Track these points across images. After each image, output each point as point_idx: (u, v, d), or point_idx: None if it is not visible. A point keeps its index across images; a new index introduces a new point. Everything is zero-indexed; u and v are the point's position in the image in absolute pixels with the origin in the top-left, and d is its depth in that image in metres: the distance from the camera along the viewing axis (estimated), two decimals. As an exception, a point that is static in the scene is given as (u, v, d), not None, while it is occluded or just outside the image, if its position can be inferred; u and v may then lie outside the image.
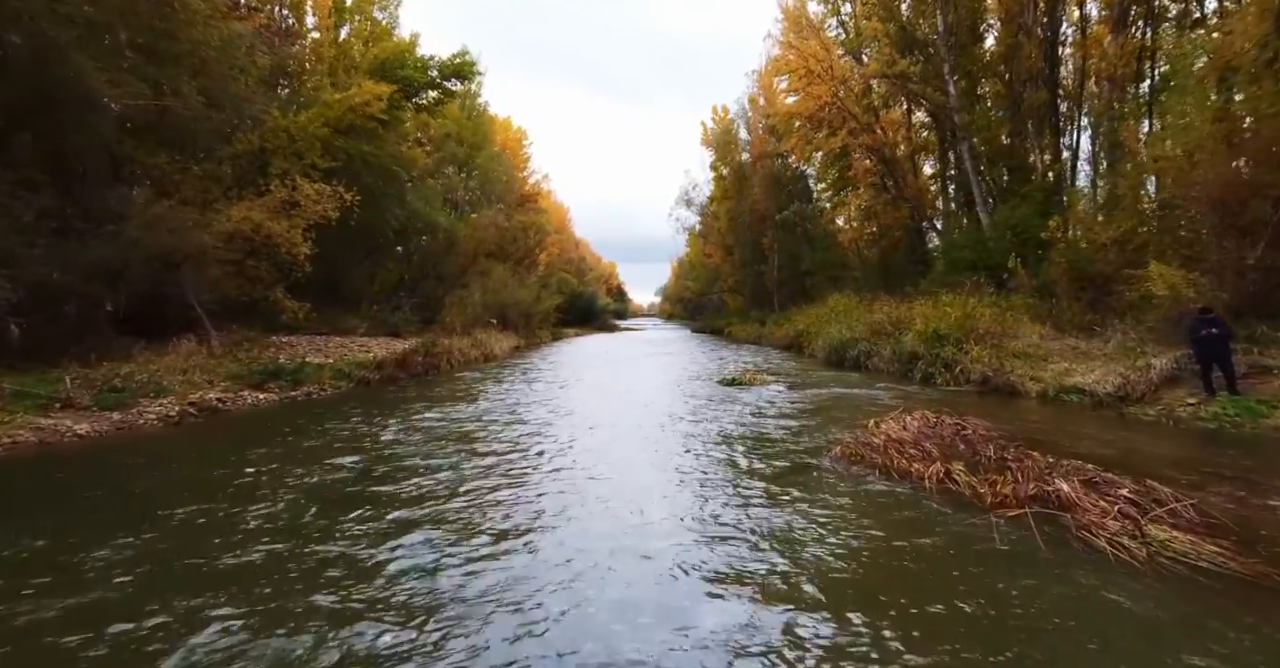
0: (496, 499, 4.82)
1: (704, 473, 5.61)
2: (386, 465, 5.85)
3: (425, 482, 5.27)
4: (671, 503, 4.71)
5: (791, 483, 5.13)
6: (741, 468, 5.75)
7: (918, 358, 12.29)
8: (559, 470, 5.70)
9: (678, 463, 5.97)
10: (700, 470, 5.69)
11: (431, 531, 4.10)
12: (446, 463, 5.92)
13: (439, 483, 5.25)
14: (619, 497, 4.87)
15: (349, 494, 4.95)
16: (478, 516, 4.42)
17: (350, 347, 13.91)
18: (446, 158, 27.10)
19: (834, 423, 7.74)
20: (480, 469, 5.71)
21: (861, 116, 21.92)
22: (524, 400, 9.70)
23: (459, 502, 4.73)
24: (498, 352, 20.12)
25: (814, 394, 10.36)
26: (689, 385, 11.79)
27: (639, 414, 8.49)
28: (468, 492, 4.99)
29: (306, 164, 12.37)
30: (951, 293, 14.95)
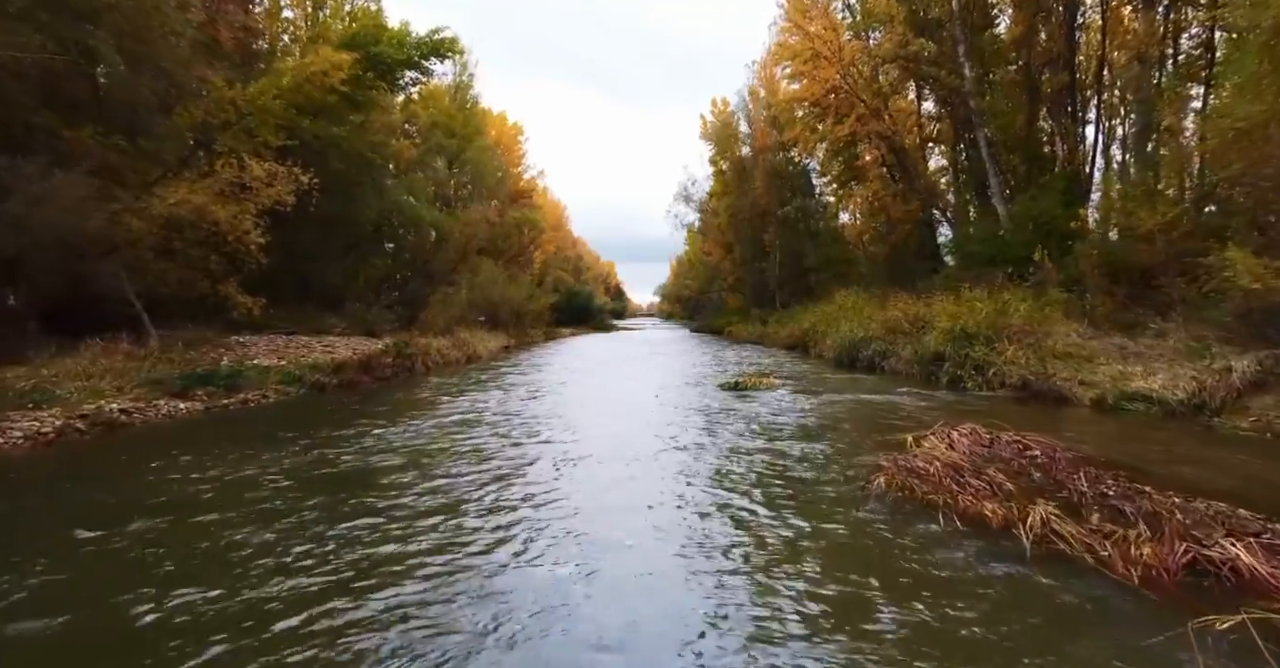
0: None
1: (706, 537, 3.80)
2: (242, 528, 3.88)
3: (289, 565, 3.33)
4: (659, 609, 2.93)
5: (827, 542, 3.70)
6: (757, 520, 4.08)
7: (943, 359, 10.99)
8: (494, 550, 3.59)
9: (670, 518, 4.16)
10: (703, 533, 3.86)
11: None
12: (332, 535, 3.80)
13: (303, 584, 3.12)
14: (580, 602, 2.97)
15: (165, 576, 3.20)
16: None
17: (314, 347, 12.59)
18: (433, 148, 25.73)
19: (861, 439, 6.43)
20: (384, 547, 3.59)
21: (871, 101, 20.61)
22: (492, 415, 8.07)
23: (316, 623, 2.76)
24: (482, 352, 18.81)
25: (829, 402, 9.05)
26: (687, 392, 10.48)
27: (625, 434, 7.00)
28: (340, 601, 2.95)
29: (259, 142, 11.04)
30: (973, 289, 13.68)
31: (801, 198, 34.95)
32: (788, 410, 8.21)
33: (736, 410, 8.36)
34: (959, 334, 10.59)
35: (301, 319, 18.70)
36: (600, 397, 10.17)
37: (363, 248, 24.42)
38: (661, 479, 5.16)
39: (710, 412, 8.37)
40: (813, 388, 10.70)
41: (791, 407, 8.53)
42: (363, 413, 8.19)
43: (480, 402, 9.22)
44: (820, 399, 9.20)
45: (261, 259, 11.28)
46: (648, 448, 6.20)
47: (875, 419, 7.68)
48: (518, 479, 5.17)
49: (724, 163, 42.52)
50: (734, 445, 6.36)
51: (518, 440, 6.61)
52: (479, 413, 8.24)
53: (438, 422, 7.48)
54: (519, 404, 9.09)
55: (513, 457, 5.94)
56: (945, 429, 6.08)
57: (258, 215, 11.15)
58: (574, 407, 9.12)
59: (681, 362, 17.43)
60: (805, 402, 8.96)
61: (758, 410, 8.20)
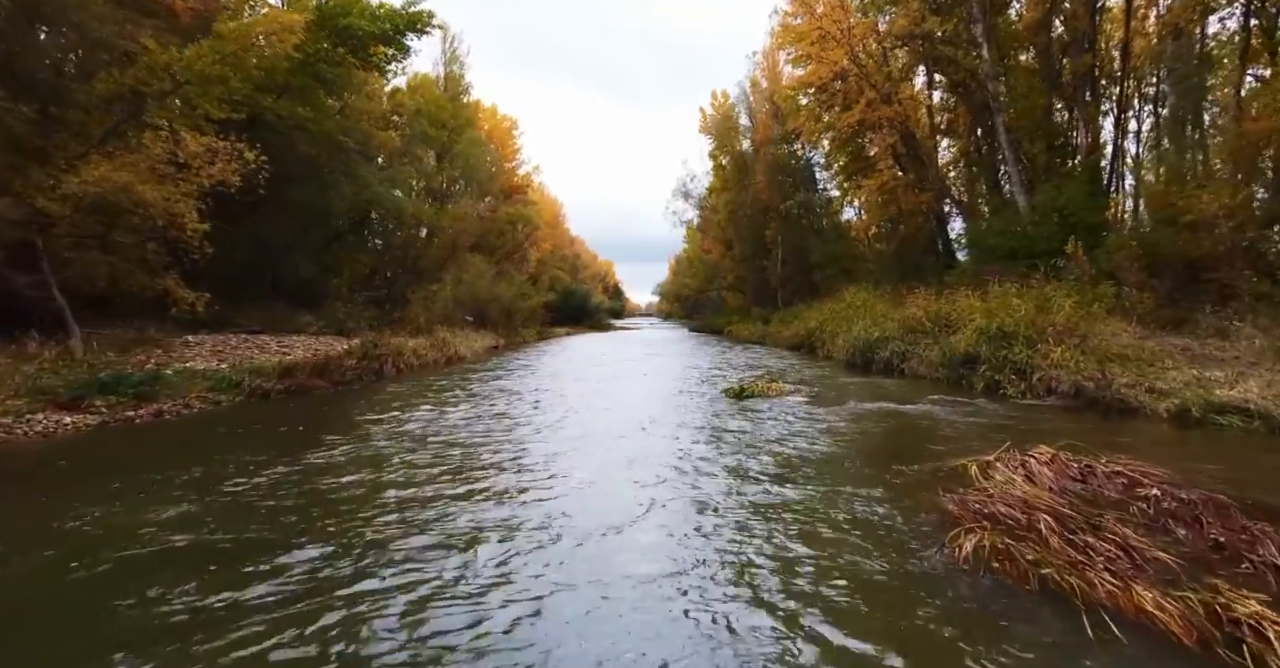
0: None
1: (708, 634, 2.53)
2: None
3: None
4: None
5: (890, 643, 2.43)
6: (785, 603, 2.78)
7: (975, 361, 9.70)
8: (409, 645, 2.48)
9: (663, 596, 2.85)
10: (708, 631, 2.56)
11: None
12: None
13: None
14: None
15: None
16: None
17: (270, 348, 11.26)
18: (418, 137, 24.38)
19: (907, 466, 5.12)
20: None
21: (882, 85, 19.31)
22: (451, 431, 6.71)
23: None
24: (465, 353, 17.49)
25: (852, 412, 7.75)
26: (687, 400, 9.17)
27: (610, 459, 5.53)
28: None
29: (200, 115, 9.71)
30: (1001, 284, 12.41)
31: (805, 192, 33.70)
32: (807, 427, 6.90)
33: (745, 429, 7.05)
34: (995, 334, 9.30)
35: (272, 318, 17.38)
36: (582, 412, 8.84)
37: (343, 242, 23.10)
38: (665, 530, 3.68)
39: (715, 432, 7.05)
40: (829, 395, 9.40)
41: (810, 421, 7.22)
42: (293, 429, 6.82)
43: (440, 416, 7.87)
44: (841, 410, 7.90)
45: (205, 248, 9.94)
46: (628, 505, 4.25)
47: (914, 436, 6.38)
48: (425, 581, 3.10)
49: (724, 157, 41.26)
50: (748, 470, 5.05)
51: (504, 456, 5.32)
52: (430, 435, 6.90)
53: (374, 449, 5.95)
54: (482, 423, 7.76)
55: (490, 488, 4.62)
56: (1015, 454, 4.78)
57: (200, 198, 9.83)
58: (561, 416, 7.80)
59: (680, 364, 16.12)
60: (825, 414, 7.65)
61: (771, 428, 6.88)
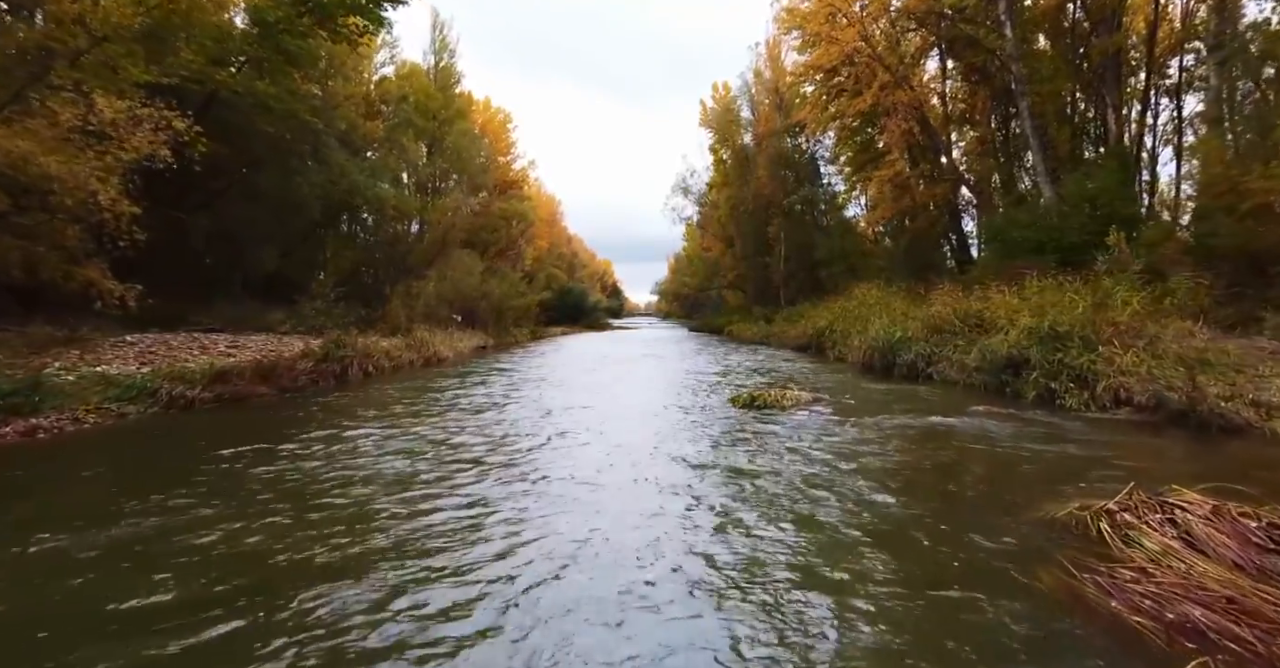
0: None
1: None
2: None
3: None
4: None
5: None
6: None
7: (1020, 366, 8.40)
8: None
9: None
10: None
11: None
12: None
13: None
14: None
15: None
16: None
17: (214, 349, 9.92)
18: (403, 124, 23.03)
19: (987, 513, 3.80)
20: None
21: (896, 66, 18.02)
22: (374, 467, 4.93)
23: None
24: (447, 354, 16.14)
25: (890, 430, 6.43)
26: (689, 412, 7.84)
27: (586, 504, 4.02)
28: None
29: (124, 80, 8.38)
30: (1040, 279, 11.13)
31: (808, 187, 32.42)
32: (842, 453, 5.55)
33: (764, 445, 5.73)
34: (1047, 334, 7.98)
35: (239, 315, 16.03)
36: (578, 417, 7.51)
37: (321, 235, 21.74)
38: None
39: (726, 447, 5.73)
40: (854, 405, 8.08)
41: (843, 443, 5.89)
42: (183, 454, 5.45)
43: (382, 440, 6.51)
44: (876, 426, 6.58)
45: (135, 235, 8.62)
46: (630, 547, 3.14)
47: (980, 464, 5.06)
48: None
49: (725, 151, 39.95)
50: (775, 527, 3.73)
51: (451, 499, 3.99)
52: (396, 455, 5.59)
53: (254, 500, 4.28)
54: (470, 433, 6.45)
55: (421, 552, 3.29)
56: (1145, 499, 3.47)
57: (126, 175, 8.49)
58: (539, 436, 6.47)
59: (680, 367, 14.79)
60: (858, 433, 6.32)
61: (798, 457, 5.52)
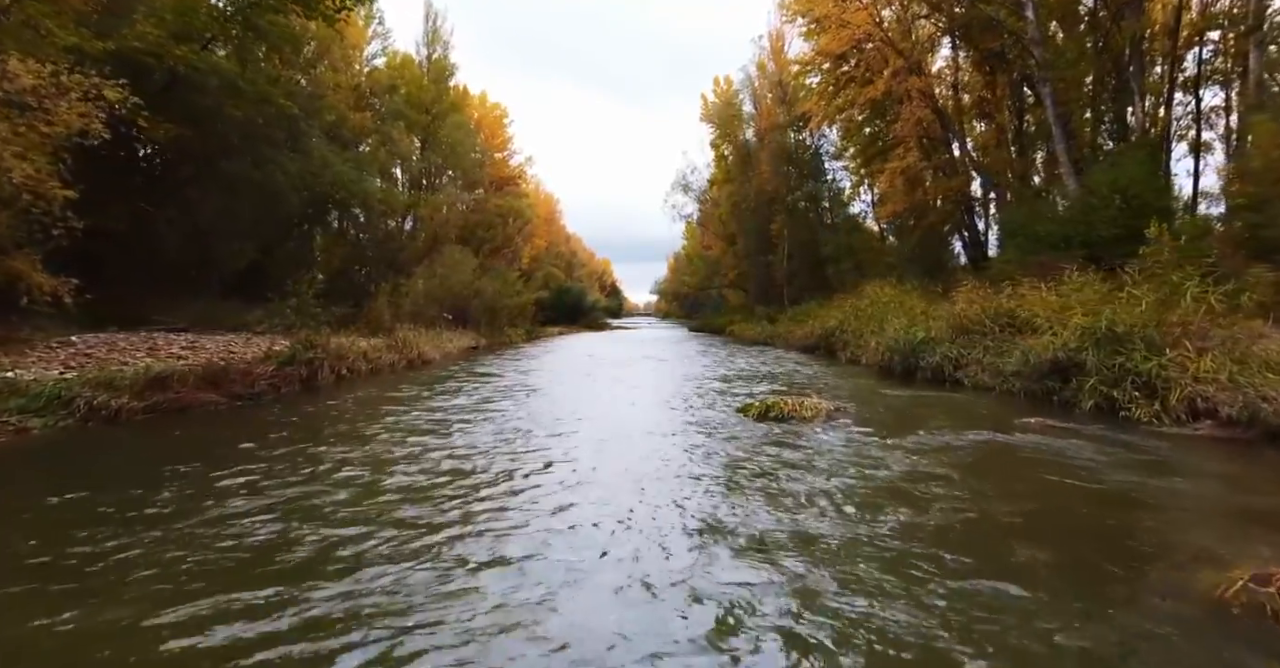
0: None
1: None
2: None
3: None
4: None
5: None
6: None
7: (1068, 370, 7.41)
8: None
9: None
10: None
11: None
12: None
13: None
14: None
15: None
16: None
17: (163, 351, 8.91)
18: (392, 114, 22.01)
19: (1104, 582, 2.81)
20: None
21: (910, 51, 17.03)
22: (292, 522, 3.49)
23: None
24: (434, 356, 15.13)
25: (934, 448, 5.42)
26: (692, 430, 6.81)
27: (559, 566, 2.95)
28: None
29: (52, 43, 7.37)
30: (1079, 274, 10.15)
31: (813, 182, 31.44)
32: (883, 484, 4.51)
33: (784, 472, 4.73)
34: (1104, 335, 6.98)
35: (210, 314, 15.04)
36: (563, 435, 6.51)
37: (304, 230, 20.70)
38: None
39: (739, 477, 4.73)
40: (883, 416, 7.08)
41: (882, 471, 4.86)
42: (66, 489, 4.45)
43: (360, 451, 5.53)
44: (917, 445, 5.56)
45: (70, 221, 7.63)
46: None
47: (1071, 509, 4.05)
48: None
49: (726, 147, 38.93)
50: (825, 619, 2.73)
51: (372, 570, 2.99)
52: (327, 492, 4.58)
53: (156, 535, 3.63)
54: (431, 453, 5.45)
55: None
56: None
57: (55, 153, 7.50)
58: (510, 461, 5.46)
59: (682, 370, 13.78)
60: (896, 454, 5.30)
61: (833, 495, 4.47)
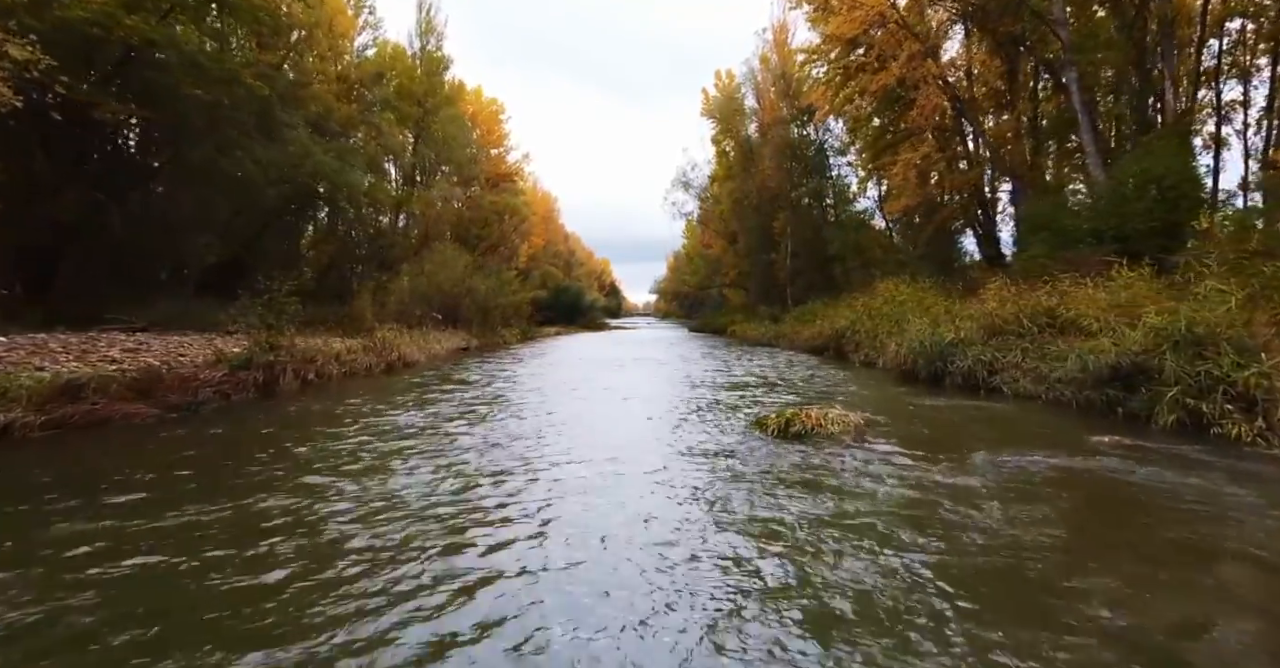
0: None
1: None
2: None
3: None
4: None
5: None
6: None
7: (1133, 378, 6.39)
8: None
9: None
10: None
11: None
12: None
13: None
14: None
15: None
16: None
17: (98, 354, 7.86)
18: (380, 104, 20.96)
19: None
20: None
21: (926, 35, 16.01)
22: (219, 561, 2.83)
23: None
24: (418, 358, 14.10)
25: (1000, 485, 4.38)
26: (698, 453, 5.76)
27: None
28: None
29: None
30: (1120, 270, 9.15)
31: (817, 178, 30.41)
32: (951, 540, 3.49)
33: (824, 513, 3.71)
34: (1184, 338, 5.96)
35: (176, 313, 13.98)
36: (544, 454, 5.48)
37: (291, 224, 19.64)
38: None
39: (771, 521, 3.70)
40: (921, 433, 6.05)
41: (945, 516, 3.82)
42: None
43: (196, 509, 4.48)
44: (981, 474, 4.52)
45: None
46: None
47: (1233, 592, 3.02)
48: None
49: (728, 142, 37.87)
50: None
51: None
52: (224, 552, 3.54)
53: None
54: (377, 485, 4.42)
55: None
56: None
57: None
58: (475, 498, 4.43)
59: (685, 374, 12.73)
60: (959, 488, 4.27)
61: (889, 569, 3.40)
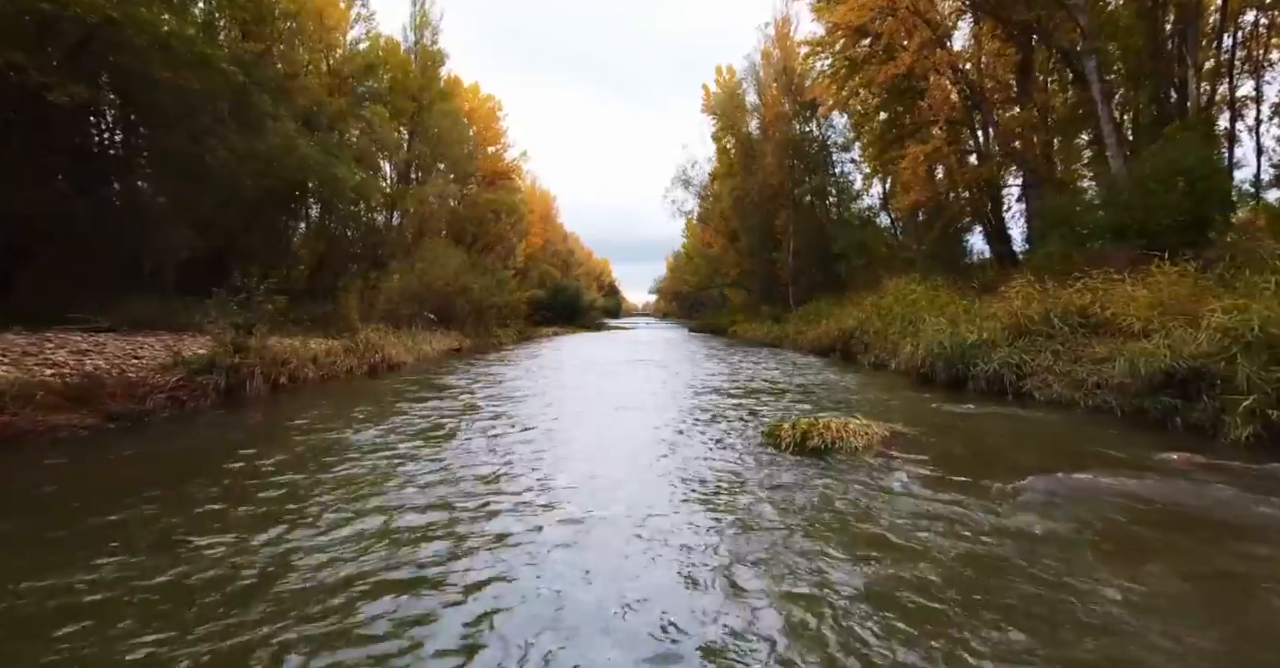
0: None
1: None
2: None
3: None
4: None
5: None
6: None
7: (1190, 384, 5.66)
8: None
9: None
10: None
11: None
12: None
13: None
14: None
15: None
16: None
17: (34, 357, 7.11)
18: (370, 95, 20.21)
19: None
20: None
21: (938, 22, 15.28)
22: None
23: None
24: (405, 360, 13.35)
25: (1078, 517, 3.63)
26: (702, 468, 5.00)
27: None
28: None
29: None
30: (1161, 266, 8.42)
31: (822, 174, 29.71)
32: (1042, 606, 2.77)
33: (868, 584, 2.98)
34: (1256, 339, 5.23)
35: (151, 312, 13.22)
36: (520, 482, 4.74)
37: (280, 221, 18.81)
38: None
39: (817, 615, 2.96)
40: (953, 445, 5.31)
41: (1037, 566, 3.08)
42: None
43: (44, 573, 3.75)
44: (1037, 504, 3.79)
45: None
46: None
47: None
48: None
49: (729, 139, 37.11)
50: None
51: None
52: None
53: None
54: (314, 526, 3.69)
55: None
56: None
57: None
58: (429, 544, 3.68)
59: (687, 378, 11.96)
60: (1014, 526, 3.53)
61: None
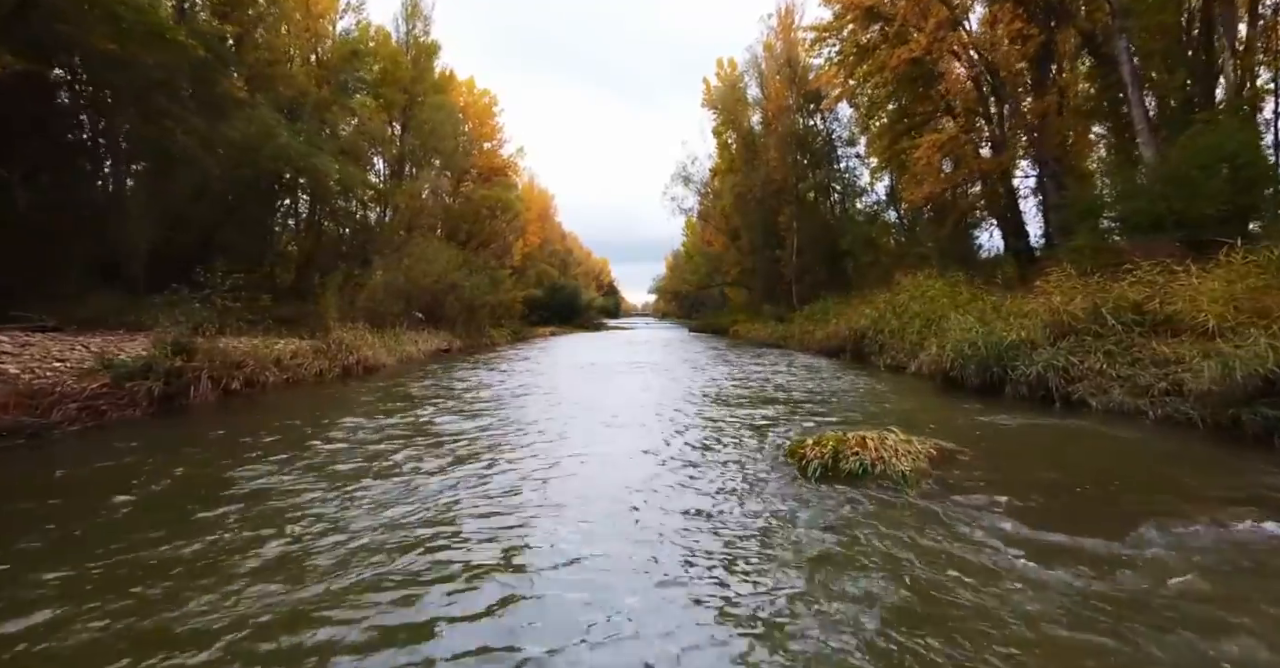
0: None
1: None
2: None
3: None
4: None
5: None
6: None
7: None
8: None
9: None
10: None
11: None
12: None
13: None
14: None
15: None
16: None
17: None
18: (350, 84, 19.27)
19: None
20: None
21: (954, 2, 14.33)
22: None
23: None
24: (385, 361, 12.40)
25: (1240, 591, 2.72)
26: (706, 516, 4.04)
27: None
28: None
29: None
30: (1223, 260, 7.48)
31: (827, 168, 28.77)
32: None
33: None
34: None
35: (110, 309, 12.30)
36: (489, 533, 3.78)
37: (244, 214, 17.84)
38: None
39: None
40: (1023, 472, 4.37)
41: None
42: None
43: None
44: (1201, 583, 2.85)
45: None
46: None
47: None
48: None
49: (730, 134, 36.14)
50: None
51: None
52: None
53: None
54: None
55: None
56: None
57: None
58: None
59: (691, 384, 10.95)
60: (1190, 618, 2.61)
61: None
